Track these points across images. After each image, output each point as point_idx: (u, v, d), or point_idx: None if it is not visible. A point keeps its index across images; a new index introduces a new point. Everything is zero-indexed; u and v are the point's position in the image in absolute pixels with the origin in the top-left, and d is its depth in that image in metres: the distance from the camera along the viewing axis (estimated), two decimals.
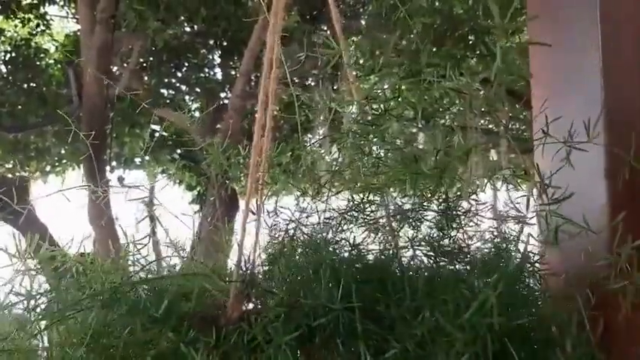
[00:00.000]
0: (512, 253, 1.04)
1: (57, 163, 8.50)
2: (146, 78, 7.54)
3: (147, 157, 7.28)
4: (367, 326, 0.87)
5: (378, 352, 0.86)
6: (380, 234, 1.17)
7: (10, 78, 7.65)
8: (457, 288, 0.86)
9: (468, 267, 1.06)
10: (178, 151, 8.11)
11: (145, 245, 1.13)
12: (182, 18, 7.15)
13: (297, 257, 1.11)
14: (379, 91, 1.09)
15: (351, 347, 0.89)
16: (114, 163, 7.58)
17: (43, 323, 1.00)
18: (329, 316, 0.89)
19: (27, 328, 0.99)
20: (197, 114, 7.98)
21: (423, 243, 1.10)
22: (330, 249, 1.08)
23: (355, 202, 1.19)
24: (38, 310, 0.99)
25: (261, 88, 1.27)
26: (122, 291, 0.99)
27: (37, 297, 0.99)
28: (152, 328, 0.94)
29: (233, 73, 7.64)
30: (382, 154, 1.16)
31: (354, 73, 1.35)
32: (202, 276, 1.06)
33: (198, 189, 8.20)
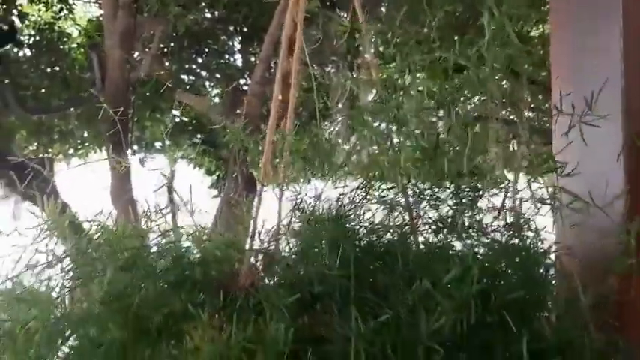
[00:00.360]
0: (526, 233, 1.05)
1: (80, 146, 8.62)
2: (167, 63, 7.59)
3: (167, 142, 7.34)
4: (362, 293, 0.91)
5: (373, 317, 0.89)
6: (396, 212, 1.18)
7: (34, 61, 7.76)
8: (450, 259, 0.89)
9: (479, 243, 1.07)
10: (198, 135, 8.16)
11: (165, 215, 1.19)
12: (203, 4, 7.16)
13: (308, 231, 1.14)
14: (399, 81, 1.10)
15: (347, 313, 0.92)
16: (135, 147, 7.66)
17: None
18: (326, 284, 0.94)
19: (48, 285, 1.05)
20: (217, 100, 8.01)
21: (435, 220, 1.11)
22: (340, 223, 1.10)
23: (370, 182, 1.21)
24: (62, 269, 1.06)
25: (279, 68, 1.28)
26: (140, 255, 1.05)
27: (63, 257, 1.06)
28: (167, 292, 1.00)
29: (253, 59, 7.64)
30: (400, 142, 1.16)
31: (374, 59, 1.35)
32: (218, 244, 1.12)
33: (217, 174, 8.26)
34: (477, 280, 0.82)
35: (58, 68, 7.86)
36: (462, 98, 1.06)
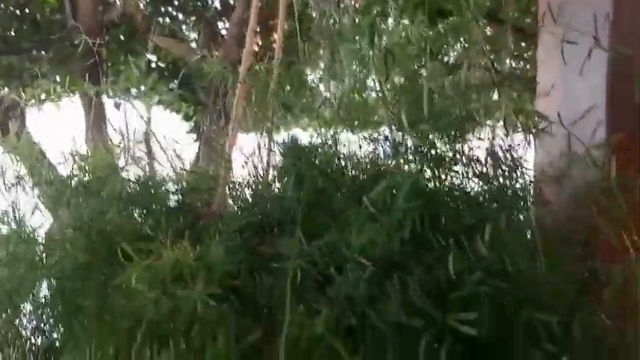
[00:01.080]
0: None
1: (52, 91, 8.37)
2: (142, 5, 7.31)
3: (143, 87, 7.17)
4: (311, 214, 0.95)
5: (321, 236, 0.94)
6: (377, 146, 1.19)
7: (2, 4, 7.41)
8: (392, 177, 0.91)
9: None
10: (175, 81, 7.98)
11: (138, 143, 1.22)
12: None
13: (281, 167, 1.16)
14: (382, 25, 1.07)
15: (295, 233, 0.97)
16: (110, 92, 7.46)
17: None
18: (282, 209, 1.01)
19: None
20: (194, 44, 7.78)
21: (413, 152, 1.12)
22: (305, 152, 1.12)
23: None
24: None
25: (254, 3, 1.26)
26: (109, 180, 1.09)
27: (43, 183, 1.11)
28: (132, 216, 1.05)
29: (231, 1, 7.41)
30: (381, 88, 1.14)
31: None
32: (195, 175, 1.17)
33: (195, 119, 8.14)
34: (418, 200, 0.83)
35: (27, 10, 7.53)
36: (444, 45, 1.03)
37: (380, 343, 0.81)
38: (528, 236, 0.97)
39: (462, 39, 0.97)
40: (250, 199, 1.11)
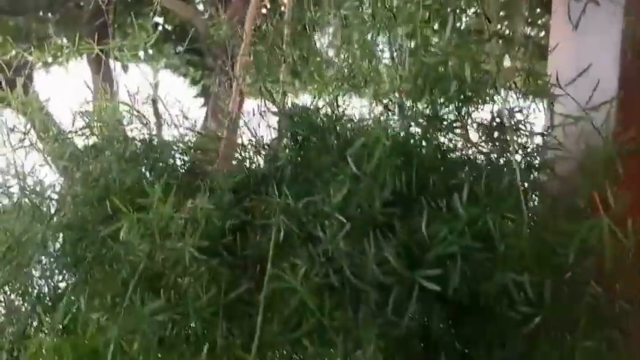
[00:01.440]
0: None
1: (59, 53, 8.32)
2: None
3: (150, 51, 7.11)
4: (302, 173, 0.97)
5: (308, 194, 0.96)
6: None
7: None
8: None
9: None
10: (183, 44, 7.91)
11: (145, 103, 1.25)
12: None
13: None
14: None
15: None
16: (117, 54, 7.41)
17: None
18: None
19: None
20: (201, 7, 7.68)
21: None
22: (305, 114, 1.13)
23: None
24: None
25: None
26: (113, 138, 1.12)
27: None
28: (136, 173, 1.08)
29: None
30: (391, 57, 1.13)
31: None
32: (198, 134, 1.19)
33: (202, 83, 8.10)
34: (398, 158, 0.84)
35: None
36: (457, 10, 1.01)
37: (358, 301, 0.84)
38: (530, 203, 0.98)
39: (475, 3, 0.95)
40: (248, 160, 1.13)
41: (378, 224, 0.86)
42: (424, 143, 1.00)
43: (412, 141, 0.95)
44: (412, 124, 1.03)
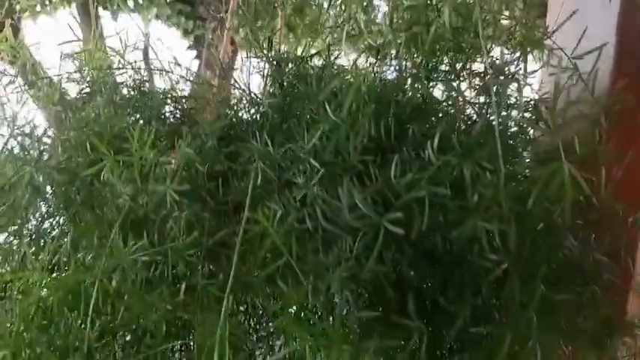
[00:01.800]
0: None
1: (47, 2, 8.10)
2: None
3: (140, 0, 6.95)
4: (284, 119, 1.02)
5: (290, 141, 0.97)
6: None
7: None
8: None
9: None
10: None
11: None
12: None
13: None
14: None
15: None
16: (107, 4, 7.23)
17: None
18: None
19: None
20: None
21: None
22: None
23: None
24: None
25: None
26: (104, 82, 1.13)
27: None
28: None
29: None
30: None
31: None
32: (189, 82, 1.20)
33: (195, 34, 7.95)
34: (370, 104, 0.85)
35: None
36: None
37: (331, 245, 0.87)
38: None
39: None
40: (235, 107, 1.13)
41: (355, 171, 0.87)
42: (408, 92, 1.00)
43: (392, 89, 0.95)
44: (402, 73, 1.03)
